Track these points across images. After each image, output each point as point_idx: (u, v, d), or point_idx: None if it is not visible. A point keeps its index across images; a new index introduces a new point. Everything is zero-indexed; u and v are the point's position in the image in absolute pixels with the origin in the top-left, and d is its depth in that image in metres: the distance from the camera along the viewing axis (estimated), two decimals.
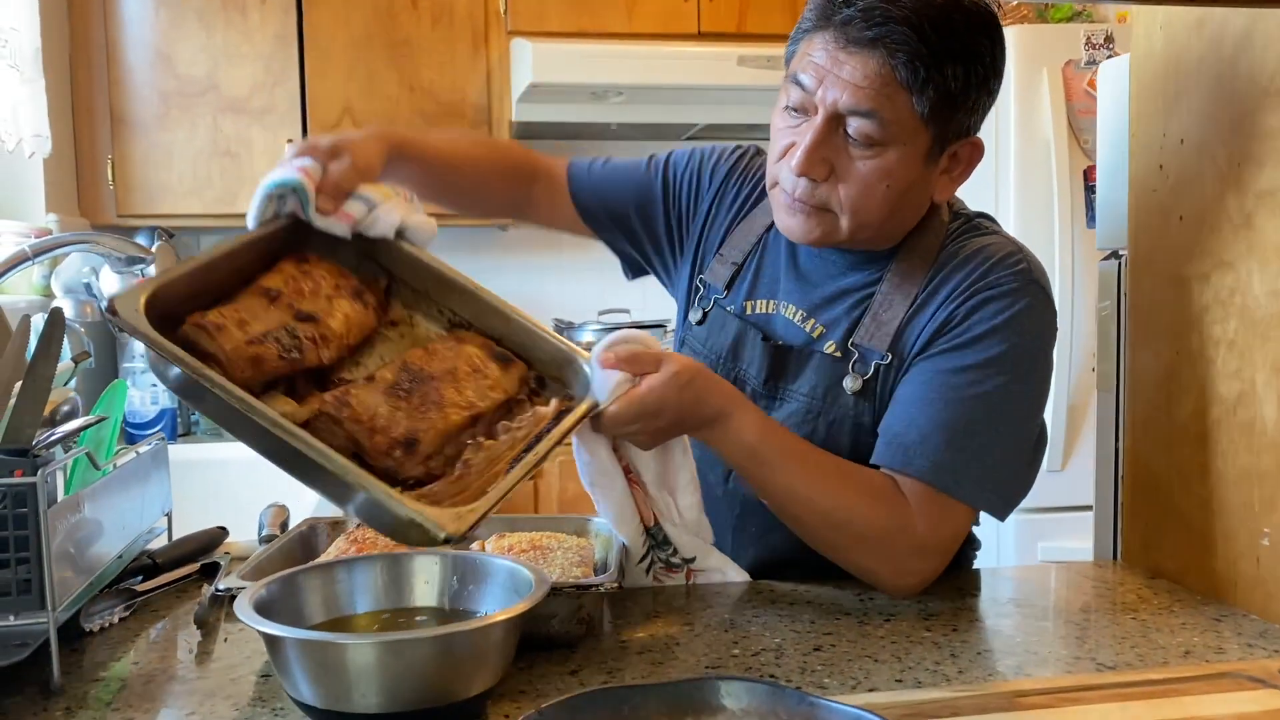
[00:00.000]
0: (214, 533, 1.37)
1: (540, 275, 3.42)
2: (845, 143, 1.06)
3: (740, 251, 1.26)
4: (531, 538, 1.14)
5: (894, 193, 1.08)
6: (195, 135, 2.81)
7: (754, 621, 1.08)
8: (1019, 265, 1.11)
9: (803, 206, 1.10)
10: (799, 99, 1.07)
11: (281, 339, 0.95)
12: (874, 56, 1.01)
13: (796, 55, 1.09)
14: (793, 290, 1.21)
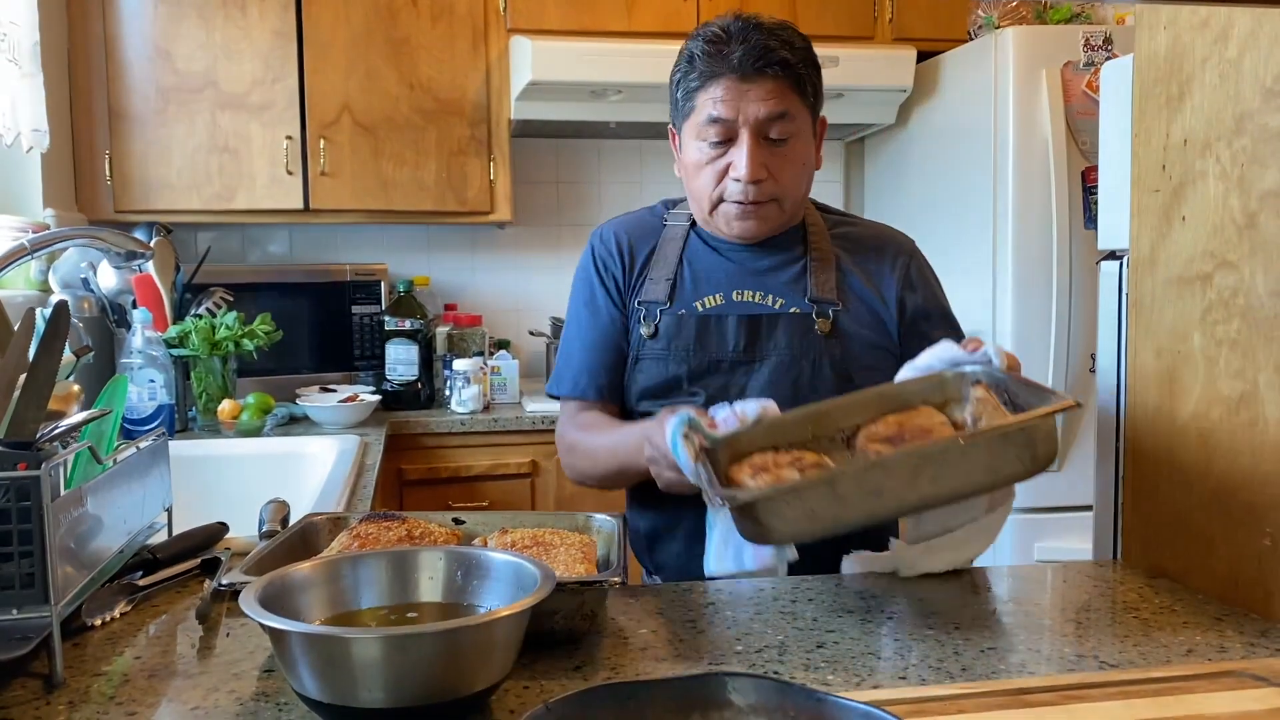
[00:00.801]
0: (214, 528, 1.37)
1: (538, 274, 3.42)
2: (769, 146, 1.38)
3: (667, 269, 1.48)
4: (534, 534, 1.14)
5: (808, 169, 1.44)
6: (194, 131, 2.80)
7: (756, 619, 1.08)
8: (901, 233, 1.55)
9: (754, 208, 1.39)
10: (720, 131, 1.37)
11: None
12: (769, 77, 1.35)
13: (696, 108, 1.38)
14: (736, 281, 1.45)
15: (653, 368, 1.45)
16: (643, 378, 1.46)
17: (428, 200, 2.94)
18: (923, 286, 1.48)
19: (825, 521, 1.00)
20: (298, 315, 2.95)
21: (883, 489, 1.00)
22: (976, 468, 1.02)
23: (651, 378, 1.45)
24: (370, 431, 2.48)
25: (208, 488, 2.10)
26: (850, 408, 1.18)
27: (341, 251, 3.26)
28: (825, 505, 0.99)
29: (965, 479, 1.03)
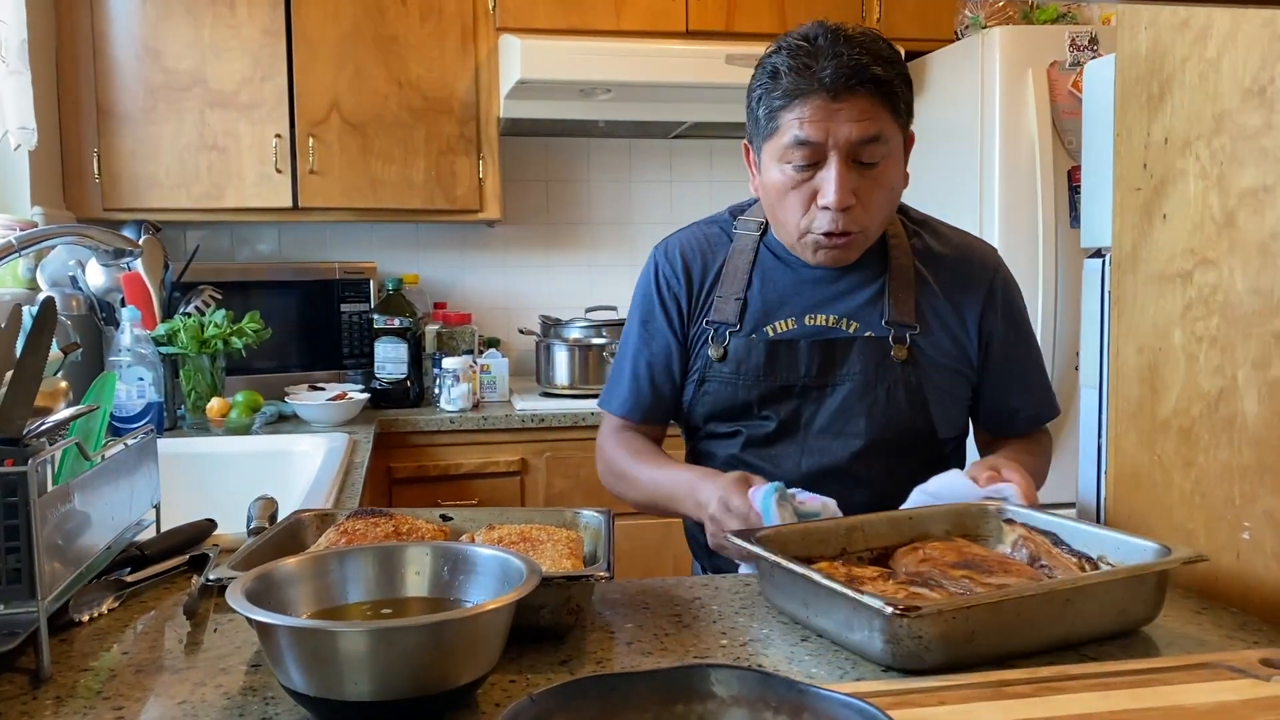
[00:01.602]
0: (203, 525, 1.37)
1: (528, 272, 3.42)
2: (860, 169, 1.29)
3: (737, 287, 1.43)
4: (521, 529, 1.15)
5: (896, 192, 1.36)
6: (182, 129, 2.80)
7: (741, 613, 1.09)
8: (985, 243, 1.50)
9: (840, 240, 1.32)
10: (805, 154, 1.28)
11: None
12: (862, 96, 1.26)
13: (781, 128, 1.29)
14: (810, 303, 1.41)
15: (722, 391, 1.42)
16: (710, 400, 1.43)
17: (417, 198, 2.94)
18: (1004, 309, 1.44)
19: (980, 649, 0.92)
20: (287, 313, 2.95)
21: (1038, 619, 0.95)
22: (1112, 608, 1.00)
23: (720, 401, 1.42)
24: (359, 430, 2.49)
25: (197, 486, 2.10)
26: (874, 527, 1.16)
27: (330, 250, 3.26)
28: (987, 628, 0.91)
29: (1099, 619, 0.99)
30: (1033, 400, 1.50)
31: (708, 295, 1.45)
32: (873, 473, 1.40)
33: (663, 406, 1.51)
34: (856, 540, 1.16)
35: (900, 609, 0.86)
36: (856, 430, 1.38)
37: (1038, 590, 0.94)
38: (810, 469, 1.39)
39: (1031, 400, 1.50)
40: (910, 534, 1.19)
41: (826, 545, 1.14)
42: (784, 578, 1.03)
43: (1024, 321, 1.48)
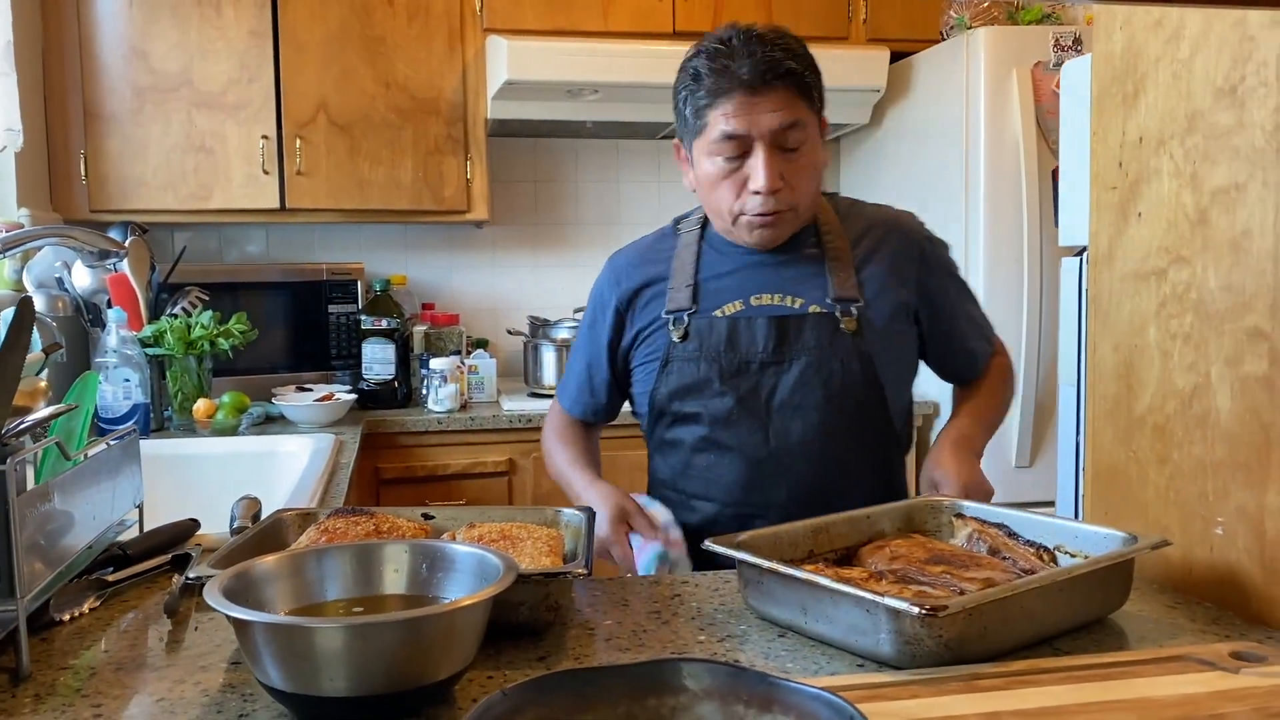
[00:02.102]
0: (186, 524, 1.37)
1: (516, 273, 3.43)
2: (783, 155, 1.40)
3: (687, 278, 1.52)
4: (502, 528, 1.15)
5: (818, 172, 1.46)
6: (169, 130, 2.80)
7: (720, 609, 1.10)
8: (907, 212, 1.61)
9: (772, 219, 1.42)
10: (733, 146, 1.39)
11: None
12: (778, 88, 1.37)
13: (708, 125, 1.39)
14: (756, 284, 1.48)
15: (685, 369, 1.49)
16: (674, 379, 1.50)
17: (404, 199, 2.95)
18: (939, 266, 1.56)
19: (990, 644, 0.92)
20: (274, 314, 2.95)
21: (1036, 610, 0.96)
22: (1094, 595, 1.02)
23: (684, 378, 1.49)
24: (346, 430, 2.49)
25: (182, 486, 2.10)
26: (837, 528, 1.19)
27: (318, 251, 3.26)
28: (997, 623, 0.92)
29: (1083, 606, 1.02)
30: (986, 339, 1.63)
31: (655, 295, 1.54)
32: (830, 450, 1.46)
33: (600, 408, 1.68)
34: (822, 542, 1.18)
35: (928, 609, 0.86)
36: (814, 403, 1.45)
37: (1043, 581, 0.96)
38: (775, 447, 1.46)
39: (985, 339, 1.63)
40: (868, 532, 1.21)
41: (796, 548, 1.15)
42: (776, 584, 1.03)
43: (958, 272, 1.60)
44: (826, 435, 1.46)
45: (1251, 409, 1.04)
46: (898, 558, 1.14)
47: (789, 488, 1.46)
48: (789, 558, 1.14)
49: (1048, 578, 0.97)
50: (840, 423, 1.46)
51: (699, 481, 1.51)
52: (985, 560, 1.12)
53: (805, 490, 1.46)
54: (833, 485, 1.46)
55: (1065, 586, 0.98)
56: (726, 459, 1.48)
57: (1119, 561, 1.02)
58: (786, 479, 1.46)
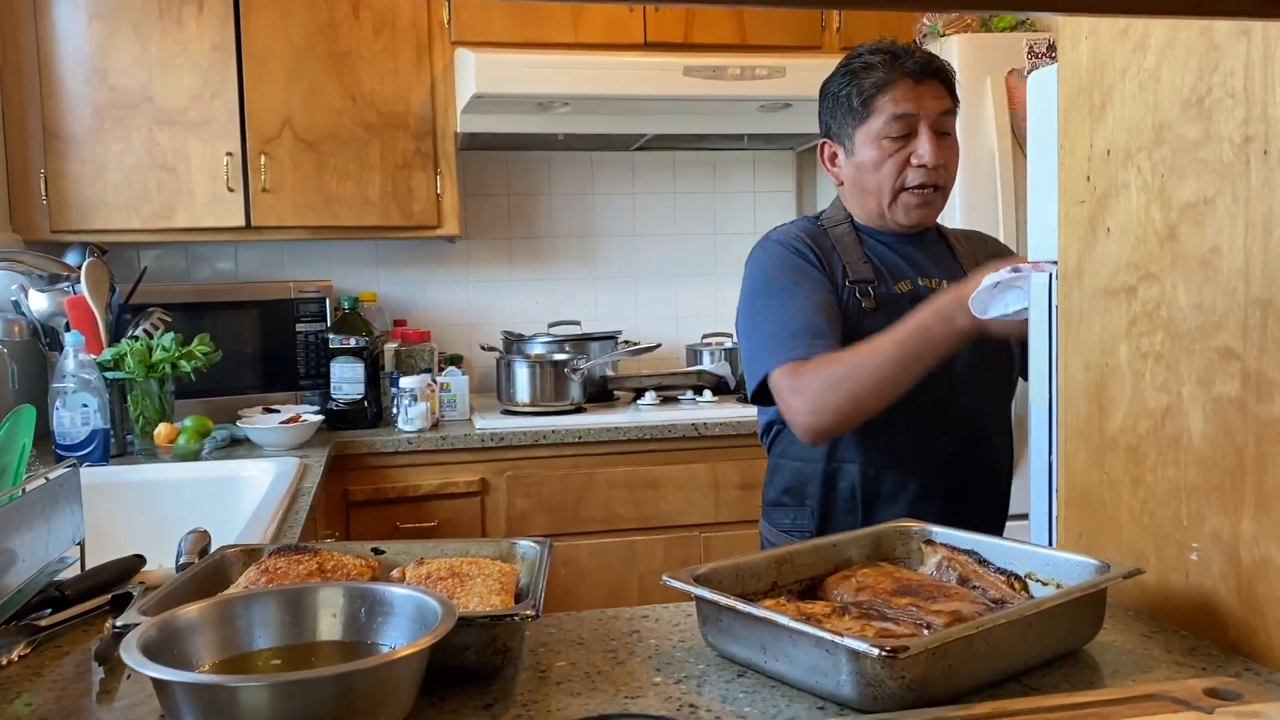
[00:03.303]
0: (129, 561, 1.32)
1: (490, 288, 3.38)
2: (940, 139, 1.61)
3: (860, 255, 1.66)
4: (451, 564, 1.11)
5: (956, 164, 1.68)
6: (130, 148, 2.74)
7: (679, 647, 1.05)
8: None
9: (930, 192, 1.62)
10: (903, 126, 1.59)
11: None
12: (937, 81, 1.62)
13: (878, 110, 1.60)
14: (914, 268, 1.67)
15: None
16: None
17: (373, 215, 2.90)
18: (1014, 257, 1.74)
19: (954, 683, 0.89)
20: (242, 334, 2.89)
21: (1004, 645, 0.92)
22: (1063, 628, 0.98)
23: None
24: (312, 453, 2.44)
25: (141, 514, 2.04)
26: (802, 557, 1.15)
27: (288, 269, 3.21)
28: (962, 660, 0.89)
29: (1052, 640, 0.98)
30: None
31: (834, 265, 1.64)
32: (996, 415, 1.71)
33: (830, 346, 1.54)
34: (786, 573, 1.13)
35: (888, 650, 0.81)
36: (991, 375, 1.66)
37: (1011, 616, 0.92)
38: (962, 413, 1.64)
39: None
40: (834, 561, 1.17)
41: (759, 580, 1.11)
42: (734, 621, 0.98)
43: None
44: (994, 406, 1.69)
45: (1224, 431, 1.01)
46: (864, 588, 1.10)
47: (966, 453, 1.64)
48: (751, 590, 1.09)
49: (1015, 613, 0.93)
50: (1001, 397, 1.71)
51: (885, 449, 1.61)
52: (954, 590, 1.08)
53: (978, 453, 1.66)
54: (998, 451, 1.71)
55: (1035, 620, 0.93)
56: (912, 424, 1.59)
57: (1091, 592, 0.98)
58: (963, 444, 1.64)
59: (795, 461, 1.68)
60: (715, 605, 0.99)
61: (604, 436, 2.73)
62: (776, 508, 1.73)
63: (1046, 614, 0.94)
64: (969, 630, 0.88)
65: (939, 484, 1.63)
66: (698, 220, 3.52)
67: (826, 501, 1.65)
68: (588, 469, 2.74)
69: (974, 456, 1.66)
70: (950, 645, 0.87)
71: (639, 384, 3.04)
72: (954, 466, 1.64)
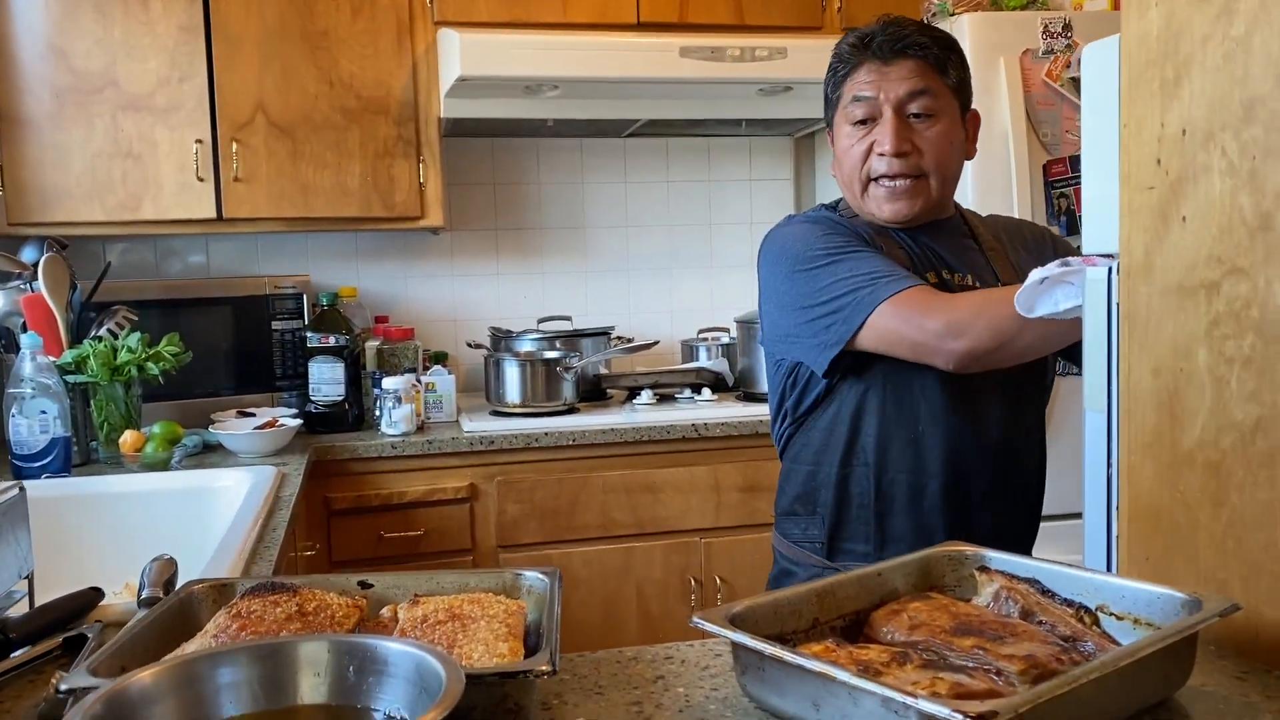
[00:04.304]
0: (84, 596, 1.18)
1: (477, 282, 3.24)
2: (913, 123, 1.45)
3: (891, 242, 1.52)
4: (450, 604, 0.97)
5: (956, 149, 1.50)
6: (93, 135, 2.58)
7: (713, 698, 0.93)
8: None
9: (902, 184, 1.45)
10: (864, 111, 1.46)
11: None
12: (909, 59, 1.45)
13: (844, 95, 1.49)
14: (932, 260, 1.51)
15: None
16: None
17: (352, 206, 2.74)
18: (1056, 243, 1.64)
19: None
20: (214, 333, 2.74)
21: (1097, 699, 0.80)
22: (1157, 676, 0.87)
23: None
24: (290, 460, 2.29)
25: (106, 529, 1.90)
26: (845, 589, 1.02)
27: (262, 263, 3.05)
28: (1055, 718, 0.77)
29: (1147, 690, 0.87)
30: None
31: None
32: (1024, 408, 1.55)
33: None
34: (829, 607, 1.01)
35: (973, 716, 0.69)
36: (1018, 380, 1.50)
37: (1105, 668, 0.79)
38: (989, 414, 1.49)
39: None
40: (879, 593, 1.04)
41: (799, 618, 0.98)
42: (780, 673, 0.86)
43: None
44: (1024, 411, 1.54)
45: None
46: (918, 625, 0.97)
47: (991, 462, 1.51)
48: (791, 630, 0.97)
49: (1111, 663, 0.80)
50: (1033, 401, 1.57)
51: (901, 455, 1.49)
52: (1020, 628, 0.95)
53: (1005, 465, 1.52)
54: (1027, 461, 1.57)
55: (1130, 671, 0.81)
56: (934, 429, 1.48)
57: (1189, 634, 0.86)
58: (989, 453, 1.50)
59: (807, 465, 1.55)
60: (758, 654, 0.86)
61: (599, 438, 2.59)
62: (788, 517, 1.60)
63: (1143, 662, 0.82)
64: (1062, 687, 0.76)
65: (960, 494, 1.50)
66: (692, 210, 3.39)
67: (839, 509, 1.52)
68: (582, 473, 2.61)
69: (1002, 465, 1.52)
70: (1043, 707, 0.74)
71: (634, 382, 2.90)
72: (979, 475, 1.50)
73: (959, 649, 0.90)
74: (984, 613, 0.99)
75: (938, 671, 0.84)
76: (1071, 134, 2.46)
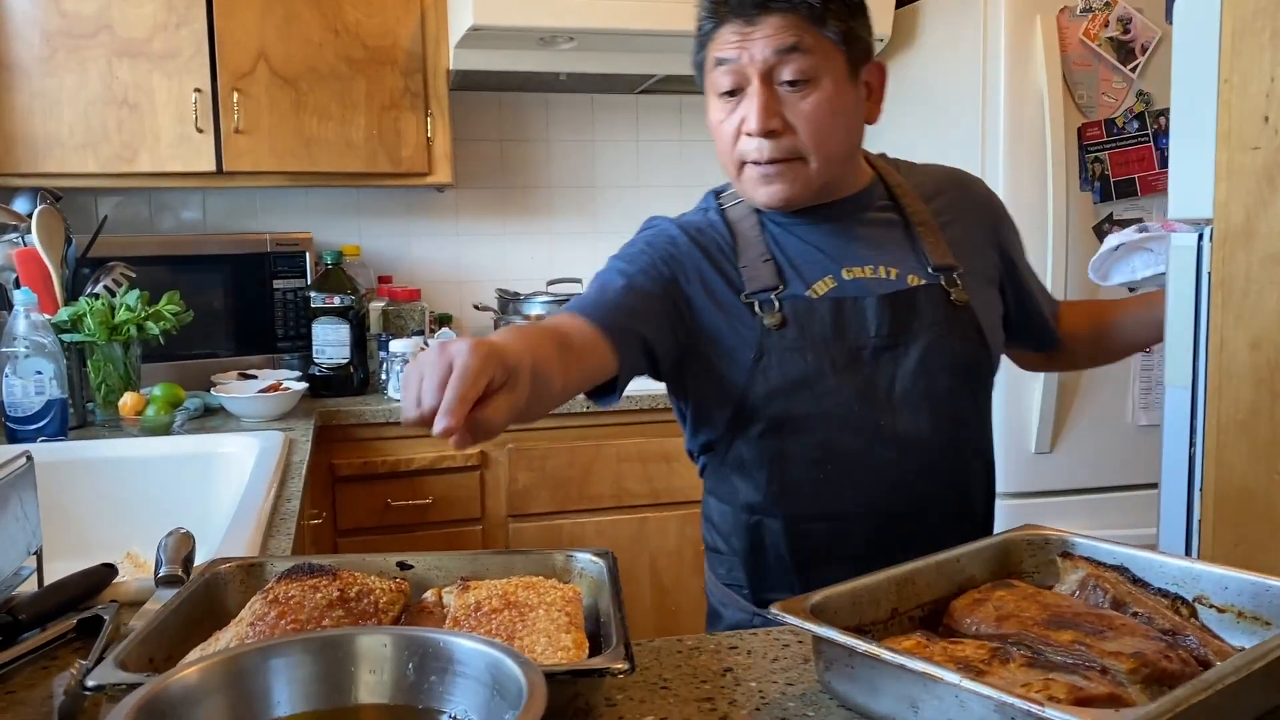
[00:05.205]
0: (97, 574, 1.10)
1: (483, 242, 3.14)
2: (786, 93, 1.18)
3: (760, 251, 1.26)
4: (504, 590, 0.90)
5: (842, 119, 1.21)
6: (86, 82, 2.45)
7: (789, 693, 0.86)
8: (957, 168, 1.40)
9: (775, 168, 1.20)
10: (730, 80, 1.20)
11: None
12: (774, 14, 1.17)
13: (707, 59, 1.23)
14: (840, 255, 1.25)
15: (789, 361, 1.21)
16: (776, 375, 1.21)
17: (357, 160, 2.64)
18: (1008, 222, 1.39)
19: None
20: (213, 291, 2.63)
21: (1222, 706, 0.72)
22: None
23: (789, 374, 1.20)
24: (296, 424, 2.20)
25: (106, 497, 1.81)
26: (924, 577, 0.95)
27: (261, 219, 2.94)
28: None
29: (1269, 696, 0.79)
30: (1050, 298, 1.46)
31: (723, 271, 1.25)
32: (961, 442, 1.27)
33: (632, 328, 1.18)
34: (908, 596, 0.95)
35: None
36: (941, 390, 1.23)
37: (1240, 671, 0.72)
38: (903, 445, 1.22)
39: (1050, 299, 1.46)
40: (958, 580, 0.98)
41: (878, 607, 0.92)
42: (873, 671, 0.79)
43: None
44: (956, 426, 1.25)
45: None
46: (1006, 617, 0.90)
47: (921, 490, 1.23)
48: (870, 620, 0.90)
49: (1245, 667, 0.73)
50: (970, 409, 1.27)
51: (813, 498, 1.23)
52: (1118, 621, 0.88)
53: (938, 490, 1.25)
54: (968, 483, 1.28)
55: (1264, 675, 0.74)
56: (846, 465, 1.22)
57: None
58: (918, 480, 1.23)
59: (722, 504, 1.30)
60: (847, 650, 0.79)
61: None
62: (714, 554, 1.34)
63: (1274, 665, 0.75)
64: (1198, 693, 0.69)
65: (890, 533, 1.21)
66: (705, 170, 3.28)
67: (755, 558, 1.26)
68: (595, 441, 2.53)
69: (934, 490, 1.25)
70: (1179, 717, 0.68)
71: None
72: (909, 509, 1.23)
73: (1056, 644, 0.83)
74: (1076, 605, 0.93)
75: (1046, 672, 0.77)
76: (1108, 96, 2.37)
